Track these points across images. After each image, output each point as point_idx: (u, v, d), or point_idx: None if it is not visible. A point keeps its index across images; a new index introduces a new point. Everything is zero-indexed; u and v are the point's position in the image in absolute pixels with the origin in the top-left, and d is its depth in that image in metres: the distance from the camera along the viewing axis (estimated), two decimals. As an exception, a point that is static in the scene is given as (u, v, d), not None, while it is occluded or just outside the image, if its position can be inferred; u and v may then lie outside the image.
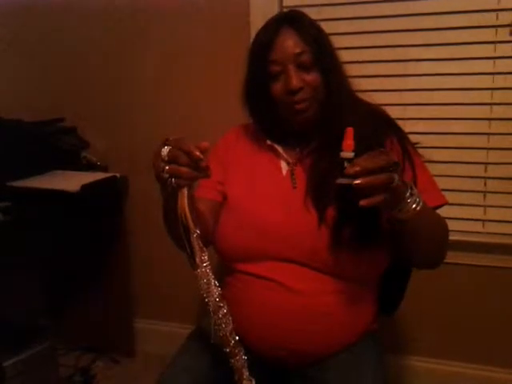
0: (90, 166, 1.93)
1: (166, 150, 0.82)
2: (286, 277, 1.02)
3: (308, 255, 1.01)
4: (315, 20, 1.09)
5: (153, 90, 1.90)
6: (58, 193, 1.57)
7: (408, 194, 0.86)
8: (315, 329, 1.03)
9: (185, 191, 0.83)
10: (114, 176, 1.83)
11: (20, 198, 1.58)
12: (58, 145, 1.84)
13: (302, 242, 1.02)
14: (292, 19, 1.05)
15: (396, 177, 0.80)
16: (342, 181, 0.79)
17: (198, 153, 0.79)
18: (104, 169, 1.93)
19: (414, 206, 0.86)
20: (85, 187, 1.61)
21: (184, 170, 0.80)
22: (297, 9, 1.12)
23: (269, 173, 1.11)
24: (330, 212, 1.00)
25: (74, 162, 1.90)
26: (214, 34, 1.78)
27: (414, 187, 0.87)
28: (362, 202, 0.78)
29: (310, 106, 1.04)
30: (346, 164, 0.81)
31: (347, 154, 0.82)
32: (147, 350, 2.07)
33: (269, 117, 1.10)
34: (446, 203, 1.06)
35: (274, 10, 1.68)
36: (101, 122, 1.99)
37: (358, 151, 0.87)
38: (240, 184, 1.11)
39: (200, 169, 0.80)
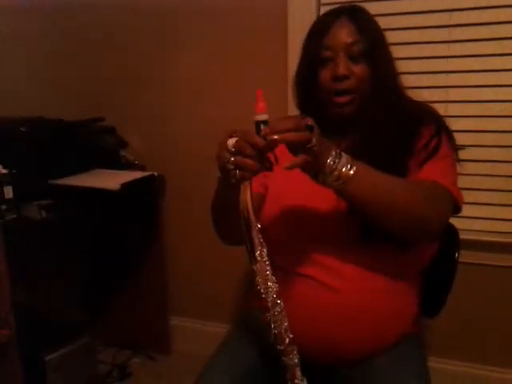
0: (129, 165, 1.96)
1: (232, 140, 0.83)
2: (324, 273, 1.02)
3: (343, 248, 1.01)
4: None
5: (189, 90, 1.91)
6: (98, 191, 1.59)
7: (331, 158, 0.85)
8: (353, 327, 1.01)
9: (248, 184, 0.83)
10: (152, 175, 1.85)
11: (61, 195, 1.61)
12: (98, 144, 1.87)
13: (338, 235, 1.02)
14: (351, 11, 1.07)
15: (313, 138, 0.81)
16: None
17: (264, 143, 0.79)
18: (142, 168, 1.96)
19: (344, 169, 0.86)
20: (124, 185, 1.63)
21: (249, 161, 0.80)
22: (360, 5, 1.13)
23: None
24: None
25: (114, 161, 1.93)
26: (250, 31, 1.79)
27: (342, 153, 0.87)
28: (286, 165, 0.81)
29: (350, 101, 1.04)
30: (261, 127, 0.81)
31: (261, 116, 0.82)
32: (183, 347, 2.09)
33: (312, 106, 1.10)
34: (451, 191, 1.01)
35: (311, 9, 1.68)
36: (139, 121, 2.02)
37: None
38: (279, 177, 1.11)
39: (264, 161, 0.81)
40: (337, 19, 1.06)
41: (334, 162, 0.86)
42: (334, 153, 0.86)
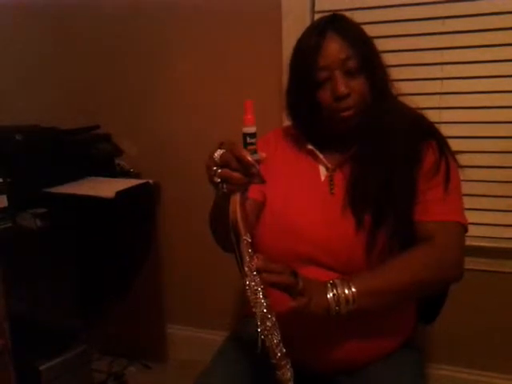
0: (124, 173, 1.95)
1: (218, 152, 0.81)
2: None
3: (344, 261, 1.00)
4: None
5: (186, 97, 1.91)
6: (93, 199, 1.59)
7: (329, 291, 0.88)
8: (351, 337, 1.01)
9: (237, 197, 0.81)
10: (147, 182, 1.85)
11: (56, 204, 1.60)
12: (93, 152, 1.87)
13: (339, 249, 1.01)
14: (336, 23, 1.04)
15: (299, 282, 0.86)
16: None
17: (249, 158, 0.77)
18: (137, 175, 1.96)
19: (346, 291, 0.89)
20: (119, 193, 1.62)
21: (236, 175, 0.79)
22: (339, 13, 1.09)
23: (307, 177, 1.10)
24: (368, 218, 0.99)
25: (109, 169, 1.92)
26: (245, 40, 1.79)
27: (334, 280, 0.90)
28: (290, 304, 0.85)
29: (355, 115, 1.02)
30: (248, 139, 0.80)
31: (248, 128, 0.81)
32: (179, 356, 2.08)
33: (311, 122, 1.09)
34: (463, 223, 1.03)
35: (305, 15, 1.68)
36: (134, 129, 2.01)
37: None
38: (278, 187, 1.10)
39: (252, 175, 0.79)
40: (324, 35, 1.02)
41: (334, 294, 0.88)
42: (328, 285, 0.89)
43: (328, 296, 0.88)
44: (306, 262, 1.02)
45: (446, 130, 1.12)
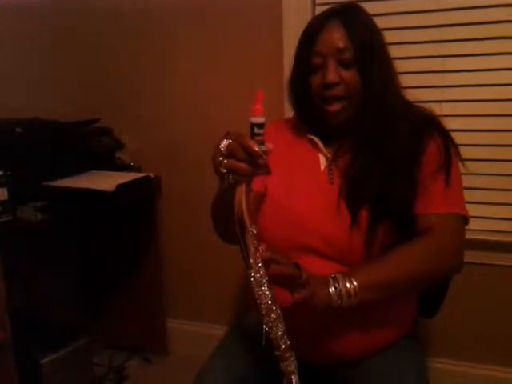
0: (124, 167, 1.95)
1: (225, 143, 0.80)
2: (322, 273, 1.01)
3: (344, 252, 1.01)
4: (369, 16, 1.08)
5: (187, 90, 1.91)
6: (93, 192, 1.58)
7: (331, 286, 0.89)
8: (353, 329, 1.01)
9: (242, 188, 0.80)
10: (148, 176, 1.85)
11: (57, 197, 1.60)
12: (94, 145, 1.86)
13: (339, 238, 1.01)
14: (344, 13, 1.04)
15: (303, 274, 0.87)
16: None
17: (256, 148, 0.77)
18: (137, 169, 1.95)
19: (348, 285, 0.89)
20: (120, 187, 1.62)
21: (242, 165, 0.78)
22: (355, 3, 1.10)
23: (307, 167, 1.11)
24: (364, 211, 0.99)
25: (109, 163, 1.92)
26: (246, 32, 1.78)
27: (335, 275, 0.91)
28: (294, 296, 0.86)
29: (342, 110, 1.03)
30: (255, 130, 0.79)
31: (257, 119, 0.80)
32: (180, 349, 2.08)
33: (309, 109, 1.09)
34: (464, 215, 1.03)
35: (307, 9, 1.67)
36: (135, 123, 2.01)
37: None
38: (278, 176, 1.07)
39: (258, 165, 0.78)
40: (328, 22, 1.03)
41: (336, 288, 0.89)
42: (330, 280, 0.90)
43: (330, 290, 0.89)
44: (306, 251, 1.03)
45: (446, 123, 1.11)
